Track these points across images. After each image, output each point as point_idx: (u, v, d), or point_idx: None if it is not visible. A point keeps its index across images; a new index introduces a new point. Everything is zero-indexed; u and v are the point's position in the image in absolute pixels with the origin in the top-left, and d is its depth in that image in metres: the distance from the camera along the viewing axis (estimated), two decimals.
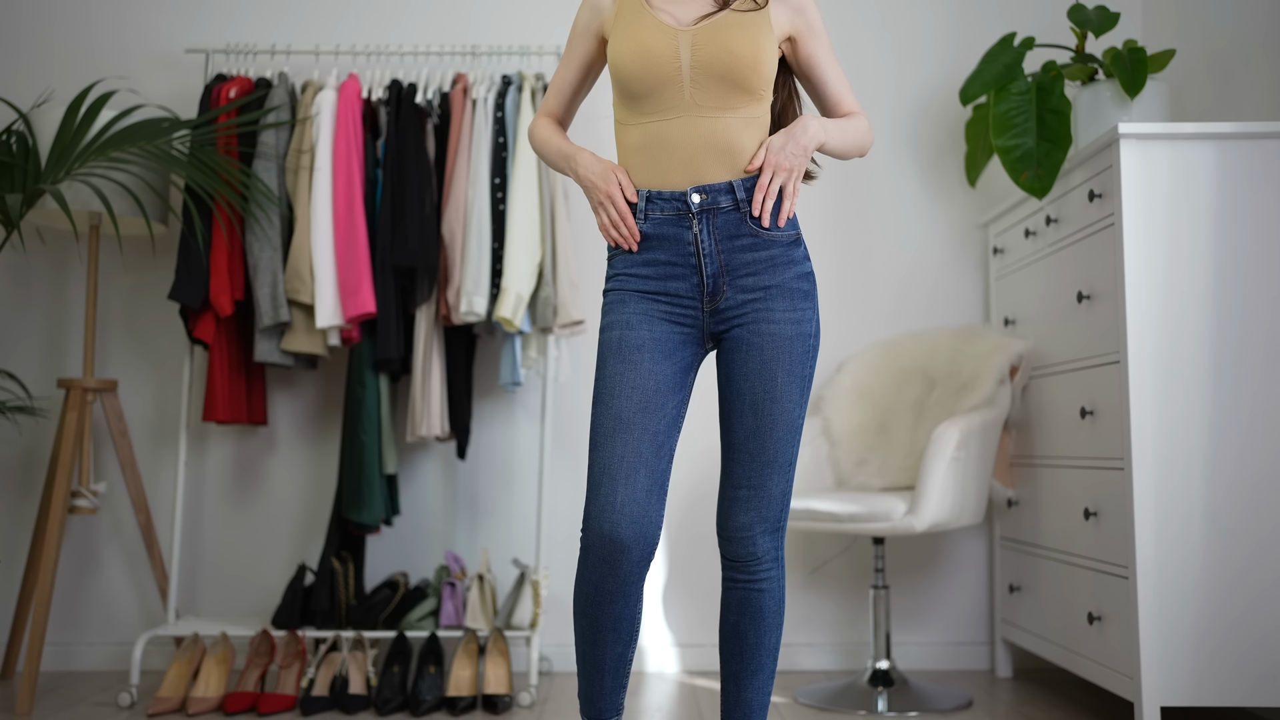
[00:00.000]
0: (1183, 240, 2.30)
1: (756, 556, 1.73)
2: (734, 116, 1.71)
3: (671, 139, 1.70)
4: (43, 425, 3.20)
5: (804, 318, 1.72)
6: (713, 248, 1.70)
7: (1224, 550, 2.24)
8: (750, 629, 1.75)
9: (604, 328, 1.74)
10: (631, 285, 1.73)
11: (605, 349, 1.71)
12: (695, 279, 1.71)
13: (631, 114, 1.74)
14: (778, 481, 1.72)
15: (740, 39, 1.70)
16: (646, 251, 1.73)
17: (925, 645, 3.15)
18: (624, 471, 1.64)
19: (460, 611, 2.83)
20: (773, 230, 1.72)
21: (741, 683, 1.75)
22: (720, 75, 1.69)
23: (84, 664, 3.14)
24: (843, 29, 3.33)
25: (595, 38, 1.82)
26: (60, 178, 2.74)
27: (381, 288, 2.83)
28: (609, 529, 1.63)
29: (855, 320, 3.26)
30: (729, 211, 1.71)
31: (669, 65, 1.69)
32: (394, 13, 3.31)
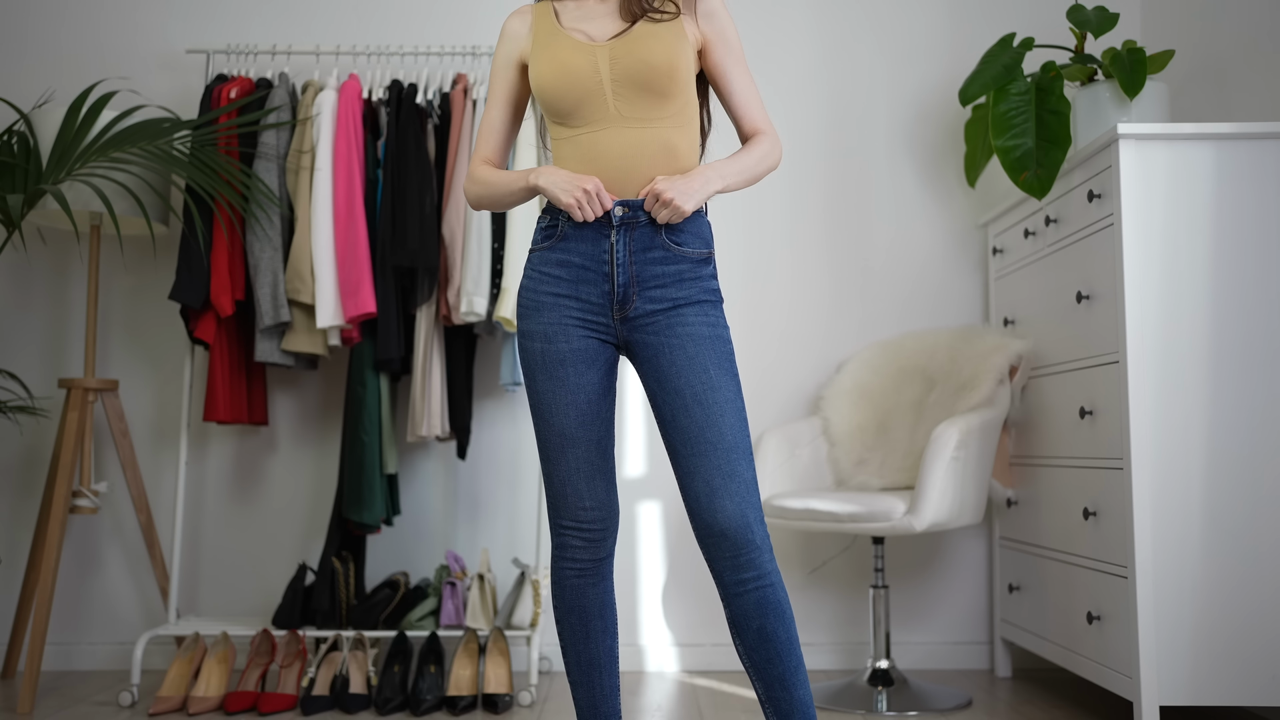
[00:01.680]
0: (1182, 240, 2.31)
1: (757, 545, 1.68)
2: (663, 123, 1.77)
3: (602, 148, 1.76)
4: (44, 425, 3.20)
5: (718, 323, 1.77)
6: (626, 258, 1.75)
7: (1224, 550, 2.25)
8: (778, 626, 1.69)
9: (522, 334, 1.79)
10: (545, 287, 1.77)
11: (530, 361, 1.78)
12: (606, 286, 1.75)
13: (560, 128, 1.80)
14: (746, 467, 1.70)
15: (655, 49, 1.75)
16: (561, 251, 1.77)
17: (925, 645, 3.16)
18: (584, 479, 1.78)
19: (460, 611, 2.84)
20: (684, 247, 1.77)
21: (789, 683, 1.69)
22: (640, 85, 1.74)
23: (85, 663, 3.14)
24: (842, 30, 3.33)
25: (516, 68, 1.87)
26: (61, 178, 2.74)
27: (382, 288, 2.84)
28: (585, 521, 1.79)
29: (855, 320, 3.26)
30: (645, 226, 1.76)
31: (589, 80, 1.74)
32: (394, 13, 3.32)
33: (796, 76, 3.32)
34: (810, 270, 3.28)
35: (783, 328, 3.26)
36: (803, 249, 3.28)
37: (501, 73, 1.87)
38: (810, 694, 1.71)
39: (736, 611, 1.70)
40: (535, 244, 1.81)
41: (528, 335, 1.78)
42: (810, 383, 3.24)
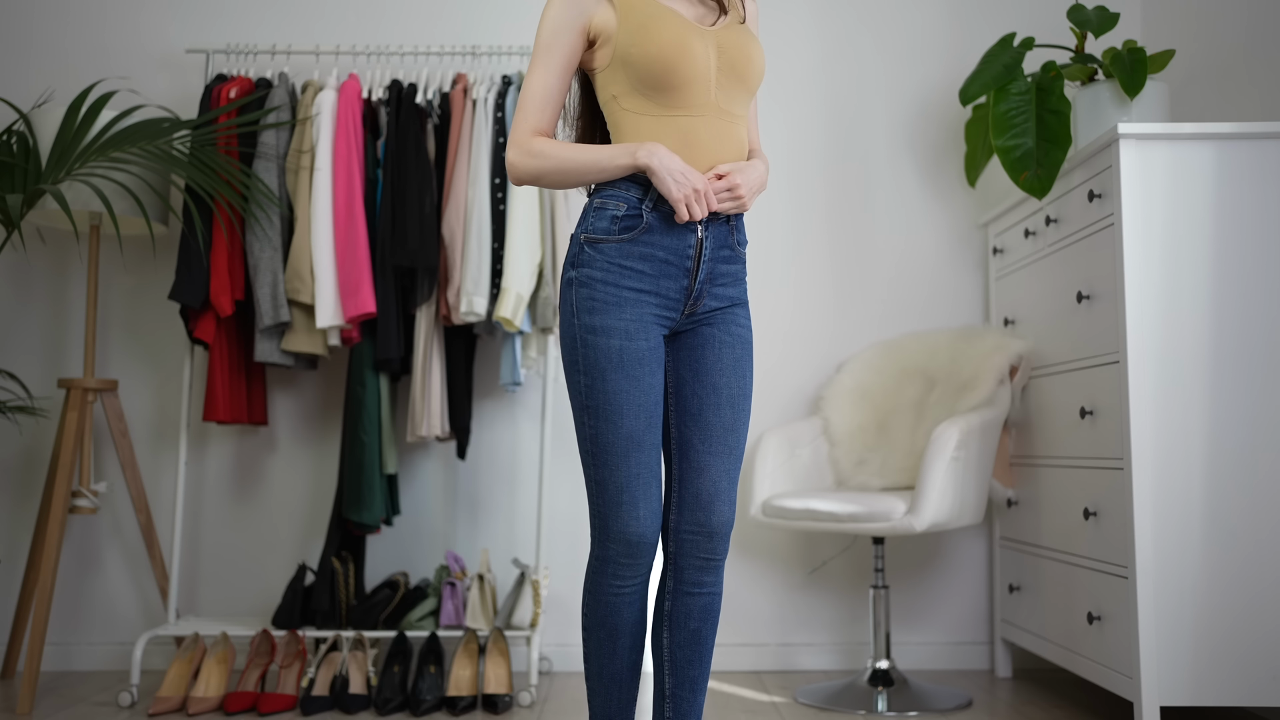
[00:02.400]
0: (1182, 240, 2.30)
1: (725, 554, 1.74)
2: (742, 122, 1.77)
3: (699, 137, 1.71)
4: (43, 425, 3.20)
5: (749, 325, 1.81)
6: (709, 255, 1.73)
7: (1224, 550, 2.24)
8: (710, 633, 1.75)
9: (599, 329, 1.67)
10: (627, 282, 1.68)
11: (605, 358, 1.67)
12: (685, 282, 1.72)
13: (653, 105, 1.71)
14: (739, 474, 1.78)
15: (754, 46, 1.76)
16: (645, 244, 1.69)
17: (925, 645, 3.15)
18: (641, 487, 1.68)
19: (460, 611, 2.84)
20: (742, 247, 1.79)
21: (698, 687, 1.75)
22: (739, 80, 1.73)
23: (84, 664, 3.14)
24: (842, 29, 3.33)
25: (582, 34, 1.73)
26: (61, 178, 2.74)
27: (381, 288, 2.83)
28: (635, 537, 1.68)
29: (855, 320, 3.26)
30: (723, 223, 1.75)
31: (701, 64, 1.70)
32: (394, 13, 3.31)
33: (797, 76, 3.31)
34: (811, 270, 3.28)
35: (783, 328, 3.26)
36: (803, 249, 3.28)
37: (563, 37, 1.72)
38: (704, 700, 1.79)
39: (680, 609, 1.73)
40: (606, 233, 1.69)
41: (604, 331, 1.66)
42: (810, 383, 3.24)
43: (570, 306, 1.70)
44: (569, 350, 1.70)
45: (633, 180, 1.70)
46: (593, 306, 1.68)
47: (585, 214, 1.73)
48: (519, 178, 1.72)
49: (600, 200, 1.71)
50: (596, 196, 1.72)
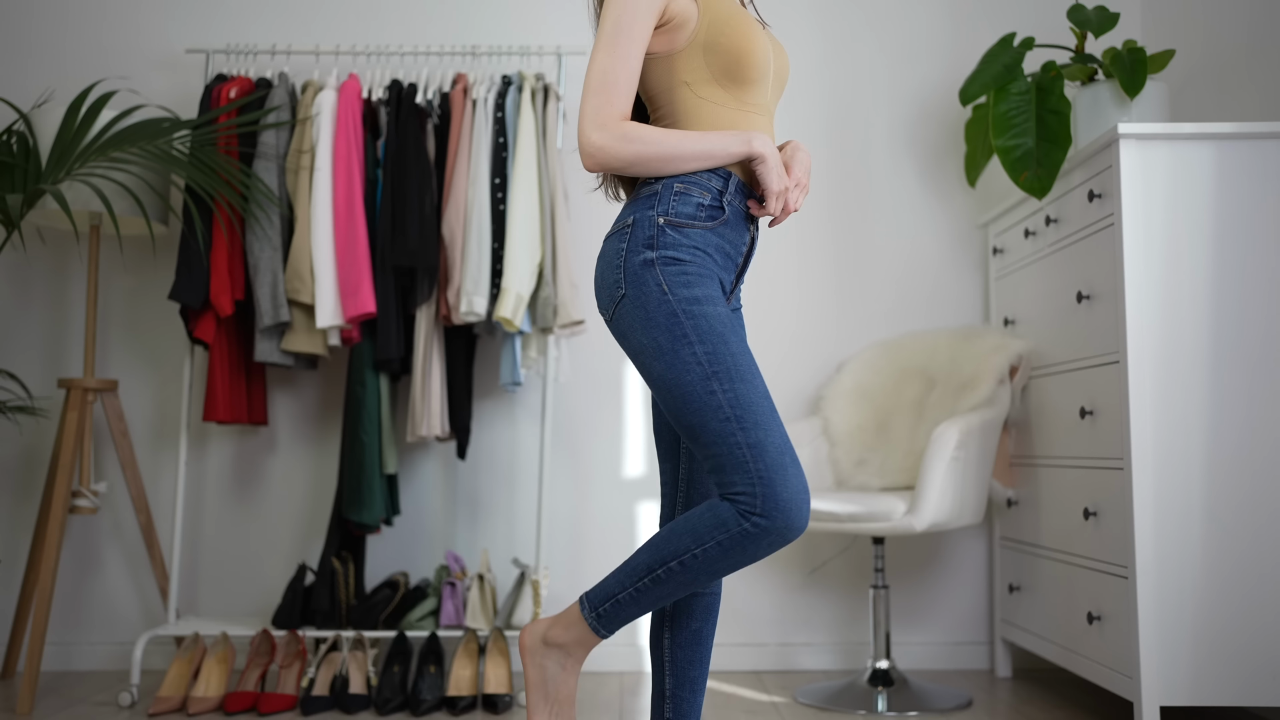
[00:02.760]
0: (1182, 240, 2.30)
1: None
2: None
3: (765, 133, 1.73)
4: (43, 425, 3.20)
5: None
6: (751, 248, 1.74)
7: (1224, 550, 2.24)
8: (710, 633, 1.75)
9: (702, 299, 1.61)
10: (709, 267, 1.64)
11: (720, 323, 1.60)
12: (732, 276, 1.71)
13: (729, 97, 1.71)
14: None
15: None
16: (719, 236, 1.67)
17: (925, 645, 3.15)
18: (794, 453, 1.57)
19: (460, 611, 2.84)
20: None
21: (698, 686, 1.74)
22: (782, 85, 1.79)
23: (84, 664, 3.14)
24: (843, 29, 3.33)
25: (657, 17, 1.68)
26: (60, 178, 2.74)
27: (381, 288, 2.83)
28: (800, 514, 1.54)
29: (855, 320, 3.26)
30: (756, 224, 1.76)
31: (766, 64, 1.72)
32: (394, 13, 3.31)
33: (798, 76, 3.31)
34: (810, 270, 3.28)
35: (783, 327, 3.26)
36: (803, 249, 3.28)
37: (644, 19, 1.66)
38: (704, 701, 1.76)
39: (682, 609, 1.73)
40: (691, 218, 1.65)
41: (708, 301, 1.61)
42: (810, 383, 3.24)
43: (658, 285, 1.61)
44: (669, 327, 1.59)
45: (715, 171, 1.68)
46: (688, 281, 1.62)
47: (661, 197, 1.65)
48: (605, 163, 1.62)
49: (682, 185, 1.66)
50: (675, 181, 1.66)
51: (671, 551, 1.57)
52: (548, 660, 1.66)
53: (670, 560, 1.57)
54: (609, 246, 1.68)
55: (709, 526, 1.55)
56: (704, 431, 1.56)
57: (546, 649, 1.66)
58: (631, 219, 1.66)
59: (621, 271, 1.64)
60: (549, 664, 1.65)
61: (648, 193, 1.68)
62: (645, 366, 1.62)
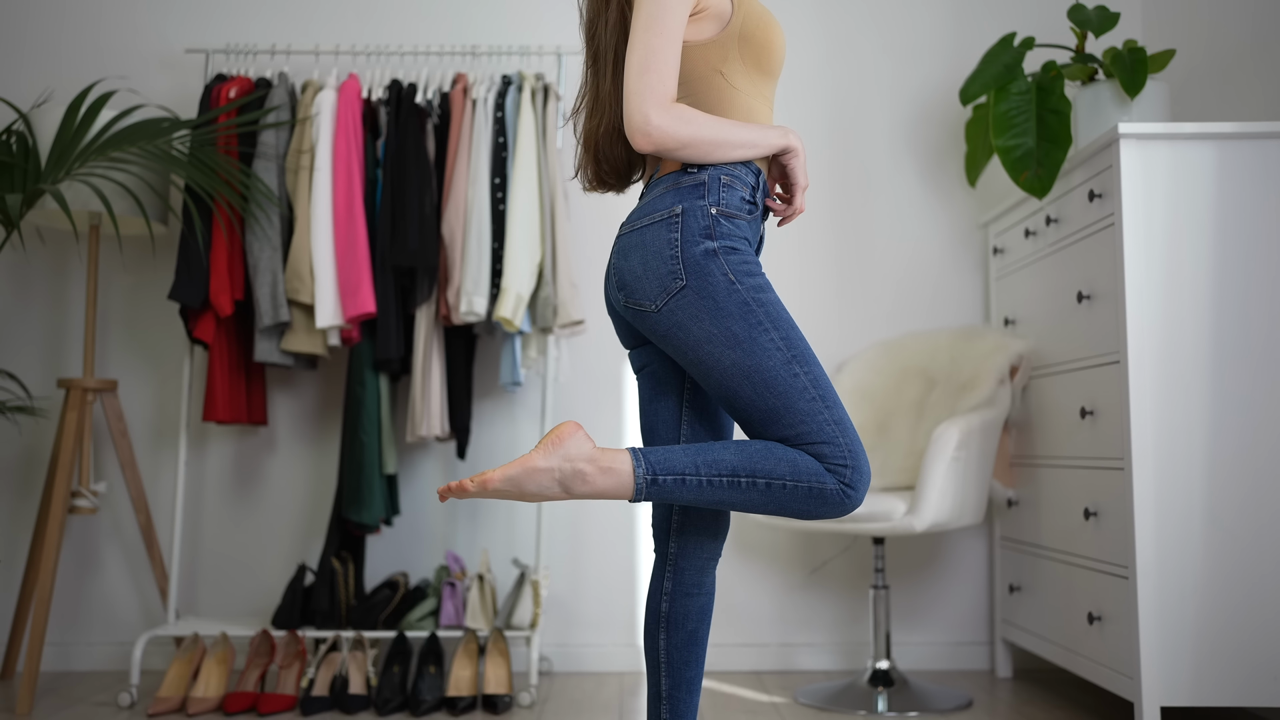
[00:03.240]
0: (1183, 240, 2.30)
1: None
2: None
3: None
4: (43, 425, 3.20)
5: None
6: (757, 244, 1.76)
7: (1224, 550, 2.24)
8: (706, 633, 1.75)
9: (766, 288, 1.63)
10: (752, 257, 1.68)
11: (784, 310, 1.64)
12: None
13: (754, 87, 1.72)
14: None
15: None
16: (752, 229, 1.69)
17: (925, 645, 3.15)
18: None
19: (460, 611, 2.83)
20: None
21: (694, 687, 1.74)
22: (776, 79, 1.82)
23: (84, 664, 3.14)
24: (842, 29, 3.33)
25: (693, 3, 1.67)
26: (60, 178, 2.74)
27: (381, 288, 2.83)
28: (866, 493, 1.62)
29: (855, 320, 3.26)
30: None
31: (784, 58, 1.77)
32: (394, 13, 3.31)
33: (799, 76, 3.31)
34: (811, 270, 3.27)
35: None
36: (803, 249, 3.28)
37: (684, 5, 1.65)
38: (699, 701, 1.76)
39: (678, 611, 1.72)
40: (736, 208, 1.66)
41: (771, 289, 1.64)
42: None
43: (724, 275, 1.61)
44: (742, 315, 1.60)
45: (748, 165, 1.68)
46: (750, 269, 1.63)
47: (709, 187, 1.65)
48: (661, 143, 1.61)
49: (728, 178, 1.66)
50: (721, 173, 1.66)
51: (765, 469, 1.58)
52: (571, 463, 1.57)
53: (759, 476, 1.58)
54: (653, 235, 1.64)
55: (811, 471, 1.58)
56: (791, 412, 1.59)
57: (581, 453, 1.58)
58: (680, 208, 1.64)
59: (679, 262, 1.62)
60: (567, 468, 1.58)
61: (692, 182, 1.65)
62: (713, 355, 1.61)
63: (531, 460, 1.56)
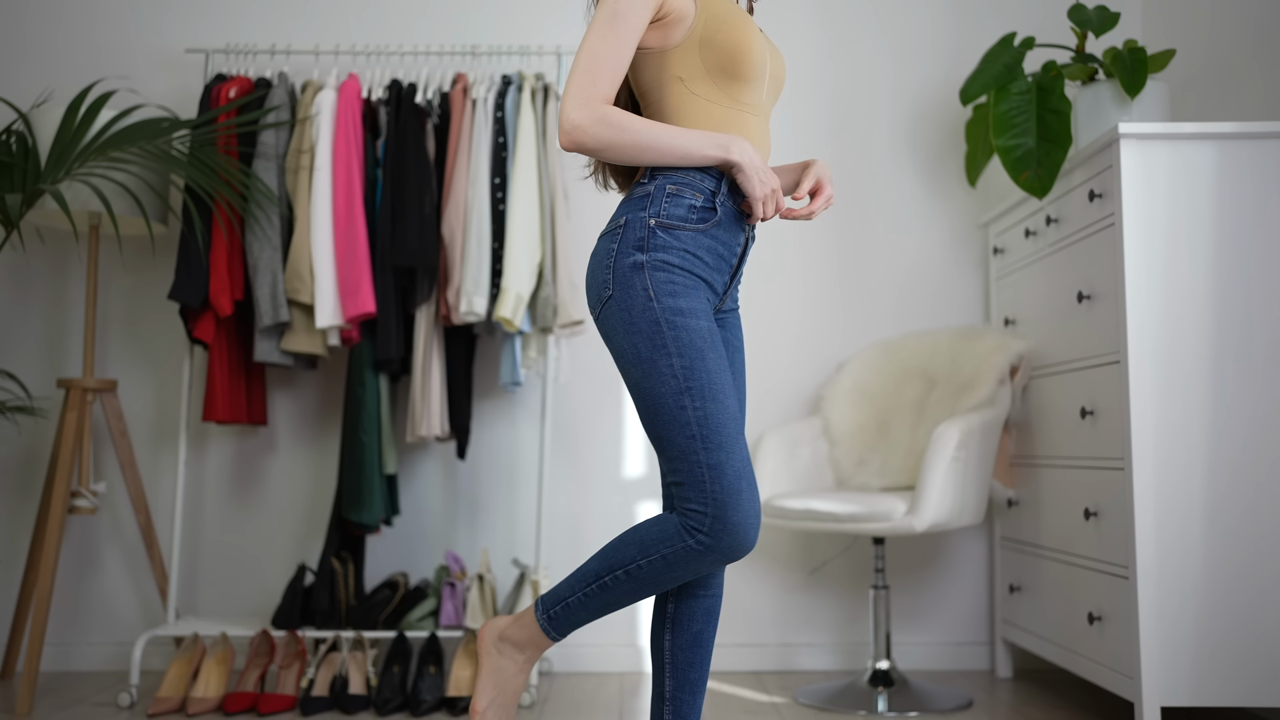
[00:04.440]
0: (1183, 240, 2.30)
1: None
2: None
3: (758, 134, 1.73)
4: (43, 425, 3.20)
5: None
6: (744, 250, 1.74)
7: (1224, 550, 2.24)
8: (711, 635, 1.75)
9: (686, 311, 1.60)
10: (697, 270, 1.64)
11: (700, 339, 1.60)
12: (726, 278, 1.71)
13: (723, 95, 1.70)
14: None
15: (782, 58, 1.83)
16: (711, 238, 1.66)
17: (925, 645, 3.15)
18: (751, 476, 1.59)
19: (460, 611, 2.83)
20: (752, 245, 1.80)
21: (698, 689, 1.74)
22: (778, 86, 1.79)
23: (84, 664, 3.13)
24: (842, 29, 3.33)
25: (653, 9, 1.66)
26: (60, 178, 2.74)
27: (381, 288, 2.83)
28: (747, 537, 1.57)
29: (855, 320, 3.26)
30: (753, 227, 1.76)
31: (762, 64, 1.71)
32: (394, 13, 3.31)
33: (799, 75, 3.31)
34: (811, 270, 3.27)
35: (783, 327, 3.25)
36: (803, 249, 3.28)
37: (640, 9, 1.64)
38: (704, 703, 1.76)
39: (684, 612, 1.73)
40: (680, 219, 1.64)
41: (691, 313, 1.60)
42: (811, 383, 3.24)
43: (645, 290, 1.61)
44: (650, 335, 1.59)
45: (707, 171, 1.67)
46: (674, 290, 1.61)
47: (653, 198, 1.65)
48: (579, 142, 1.59)
49: (675, 187, 1.65)
50: (668, 182, 1.65)
51: (619, 560, 1.61)
52: (503, 657, 1.69)
53: (617, 569, 1.62)
54: (600, 245, 1.69)
55: (655, 539, 1.59)
56: (669, 445, 1.58)
57: (502, 645, 1.69)
58: (624, 219, 1.66)
59: (610, 272, 1.63)
60: (504, 661, 1.69)
61: (640, 193, 1.67)
62: (623, 370, 1.64)
63: (482, 669, 1.69)
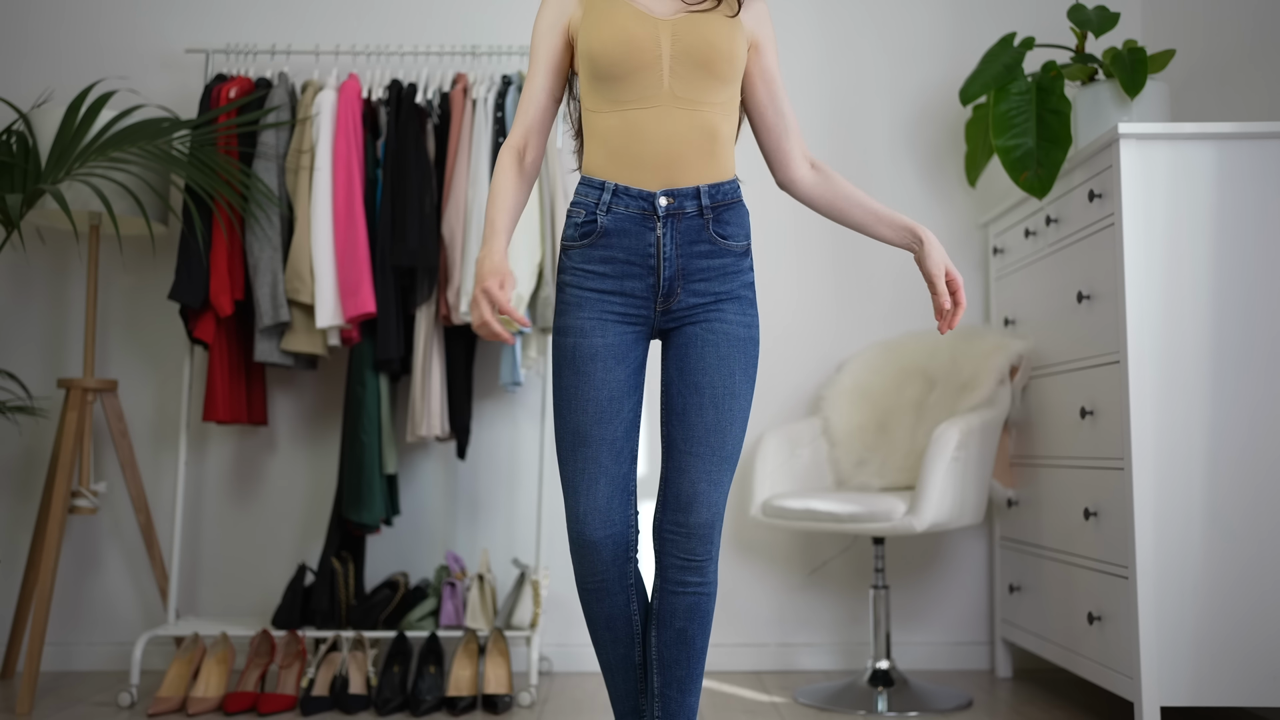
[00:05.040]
0: (1183, 240, 2.30)
1: (712, 555, 1.71)
2: (714, 109, 1.73)
3: (648, 131, 1.70)
4: (43, 425, 3.20)
5: (752, 323, 1.76)
6: (673, 252, 1.71)
7: (1224, 550, 2.24)
8: (699, 633, 1.73)
9: (558, 330, 1.74)
10: (588, 284, 1.72)
11: (560, 358, 1.73)
12: (651, 280, 1.72)
13: (605, 101, 1.72)
14: (730, 478, 1.73)
15: (720, 30, 1.73)
16: (604, 248, 1.71)
17: (925, 645, 3.15)
18: (585, 484, 1.71)
19: (460, 611, 2.83)
20: (730, 240, 1.74)
21: (686, 687, 1.73)
22: (700, 65, 1.71)
23: (84, 664, 3.14)
24: (843, 29, 3.33)
25: (562, 34, 1.78)
26: (60, 178, 2.74)
27: (381, 288, 2.83)
28: (577, 531, 1.72)
29: (855, 320, 3.26)
30: (693, 217, 1.72)
31: (649, 53, 1.69)
32: (394, 13, 3.31)
33: (799, 75, 3.31)
34: (811, 270, 3.27)
35: (783, 327, 3.25)
36: (803, 248, 3.28)
37: (544, 39, 1.77)
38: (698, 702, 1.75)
39: (665, 608, 1.73)
40: (570, 239, 1.75)
41: (562, 331, 1.73)
42: (810, 383, 3.24)
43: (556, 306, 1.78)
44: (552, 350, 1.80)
45: (589, 185, 1.73)
46: (560, 309, 1.75)
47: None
48: None
49: (571, 208, 1.76)
50: (570, 204, 1.78)
51: None
52: None
53: None
54: None
55: None
56: None
57: None
58: None
59: None
60: None
61: None
62: None
63: None
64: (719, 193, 1.73)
